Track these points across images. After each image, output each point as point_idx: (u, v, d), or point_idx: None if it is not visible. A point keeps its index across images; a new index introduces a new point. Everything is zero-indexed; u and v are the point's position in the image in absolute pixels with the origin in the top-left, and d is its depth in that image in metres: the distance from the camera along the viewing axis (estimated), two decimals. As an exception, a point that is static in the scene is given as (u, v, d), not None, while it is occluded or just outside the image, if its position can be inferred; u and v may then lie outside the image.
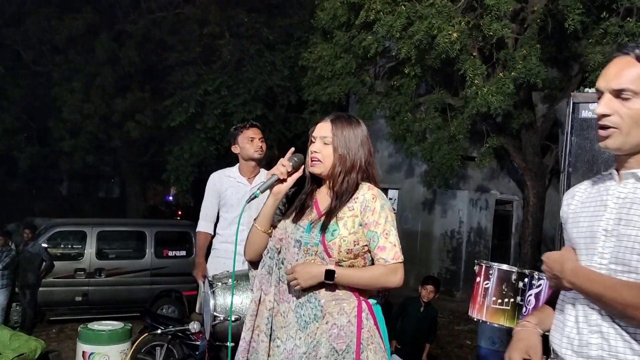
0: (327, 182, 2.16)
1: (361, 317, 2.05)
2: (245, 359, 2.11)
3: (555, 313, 1.59)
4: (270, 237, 2.19)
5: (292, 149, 2.16)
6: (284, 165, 2.08)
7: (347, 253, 2.04)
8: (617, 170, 1.50)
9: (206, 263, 3.80)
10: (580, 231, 1.53)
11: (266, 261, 2.19)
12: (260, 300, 2.15)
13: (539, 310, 1.73)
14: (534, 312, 1.76)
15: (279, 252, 2.17)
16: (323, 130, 2.12)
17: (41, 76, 15.43)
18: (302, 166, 2.11)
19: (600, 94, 1.47)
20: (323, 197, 2.16)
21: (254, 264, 2.29)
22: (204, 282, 3.62)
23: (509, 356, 1.59)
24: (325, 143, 2.10)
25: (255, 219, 2.19)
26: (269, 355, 2.11)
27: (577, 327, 1.47)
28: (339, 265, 2.04)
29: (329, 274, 2.01)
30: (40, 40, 14.63)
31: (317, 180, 2.18)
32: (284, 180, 2.09)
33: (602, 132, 1.45)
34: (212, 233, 3.89)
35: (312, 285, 2.05)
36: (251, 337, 2.13)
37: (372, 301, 2.13)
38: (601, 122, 1.44)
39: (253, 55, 12.90)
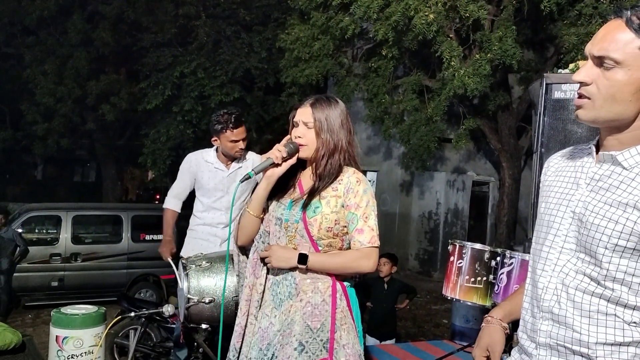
0: (311, 165, 2.18)
1: (335, 298, 2.08)
2: (239, 344, 2.15)
3: None
4: (262, 221, 2.21)
5: (288, 136, 2.17)
6: (279, 150, 2.09)
7: (327, 231, 2.06)
8: (597, 147, 1.38)
9: (182, 244, 3.77)
10: (548, 207, 1.44)
11: (259, 246, 2.21)
12: (252, 285, 2.19)
13: (509, 299, 1.69)
14: (501, 304, 1.71)
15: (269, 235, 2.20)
16: (305, 114, 2.14)
17: (12, 58, 15.06)
18: (297, 154, 2.12)
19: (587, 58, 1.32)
20: (307, 180, 2.19)
21: (243, 249, 2.31)
22: (172, 260, 3.55)
23: (473, 354, 1.62)
24: (309, 127, 2.12)
25: (247, 204, 2.21)
26: (251, 335, 2.16)
27: (531, 310, 1.42)
28: (316, 244, 2.07)
29: (302, 257, 2.04)
30: (10, 21, 14.24)
31: (301, 164, 2.20)
32: (279, 165, 2.10)
33: (576, 102, 1.32)
34: (179, 211, 3.84)
35: (283, 267, 2.09)
36: (246, 322, 2.17)
37: (346, 283, 2.15)
38: (579, 91, 1.30)
39: (230, 37, 12.72)
